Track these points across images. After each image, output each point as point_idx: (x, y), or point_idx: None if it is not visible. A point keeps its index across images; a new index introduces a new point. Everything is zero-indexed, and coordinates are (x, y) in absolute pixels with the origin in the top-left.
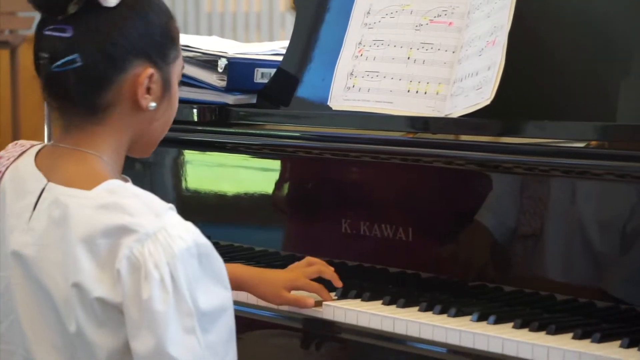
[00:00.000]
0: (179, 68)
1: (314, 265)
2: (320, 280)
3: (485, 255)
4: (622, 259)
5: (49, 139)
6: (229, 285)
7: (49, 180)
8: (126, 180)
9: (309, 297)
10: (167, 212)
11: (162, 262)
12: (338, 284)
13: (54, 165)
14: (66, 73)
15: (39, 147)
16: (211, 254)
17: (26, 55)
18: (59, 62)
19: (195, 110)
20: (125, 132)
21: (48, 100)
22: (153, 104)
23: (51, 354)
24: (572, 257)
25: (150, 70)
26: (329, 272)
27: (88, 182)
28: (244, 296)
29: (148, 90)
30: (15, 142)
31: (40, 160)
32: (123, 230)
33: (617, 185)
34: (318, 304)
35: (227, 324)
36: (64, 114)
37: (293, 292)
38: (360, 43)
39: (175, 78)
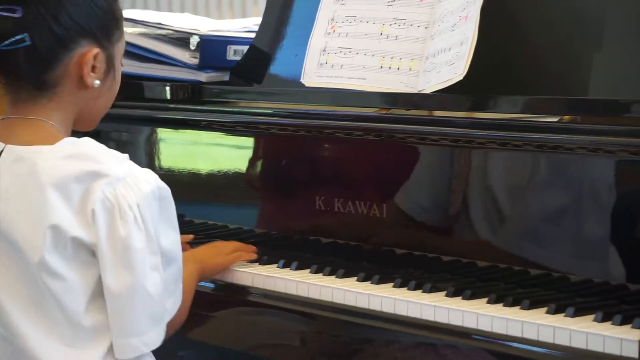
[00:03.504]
0: (122, 47)
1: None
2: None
3: (458, 231)
4: (595, 233)
5: None
6: (178, 228)
7: (6, 144)
8: None
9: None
10: (127, 160)
11: (134, 203)
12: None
13: (9, 133)
14: (15, 51)
15: None
16: (169, 198)
17: None
18: (7, 42)
19: (168, 88)
20: (71, 107)
21: None
22: (97, 82)
23: (21, 304)
24: (545, 232)
25: (96, 50)
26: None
27: (47, 141)
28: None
29: (93, 68)
30: None
31: None
32: (94, 175)
33: (590, 159)
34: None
35: (178, 264)
36: (13, 90)
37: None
38: (332, 19)
39: (118, 57)
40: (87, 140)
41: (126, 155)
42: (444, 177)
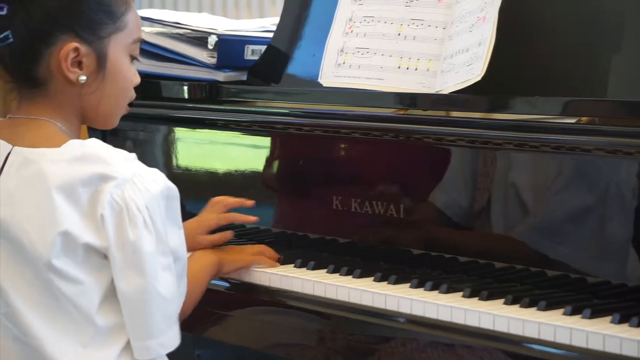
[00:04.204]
0: (127, 42)
1: (221, 215)
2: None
3: (476, 231)
4: (613, 235)
5: None
6: (182, 225)
7: (13, 146)
8: None
9: (225, 233)
10: (135, 160)
11: (142, 205)
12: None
13: (15, 133)
14: (2, 49)
15: None
16: (176, 197)
17: None
18: None
19: (185, 88)
20: (67, 103)
21: (1, 74)
22: (82, 77)
23: (35, 307)
24: (562, 234)
25: (74, 44)
26: (239, 216)
27: (53, 142)
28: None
29: (79, 64)
30: None
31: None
32: (101, 178)
33: (608, 161)
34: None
35: (183, 261)
36: (15, 88)
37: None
38: (350, 19)
39: (117, 52)
40: (93, 141)
41: (134, 155)
42: (461, 177)
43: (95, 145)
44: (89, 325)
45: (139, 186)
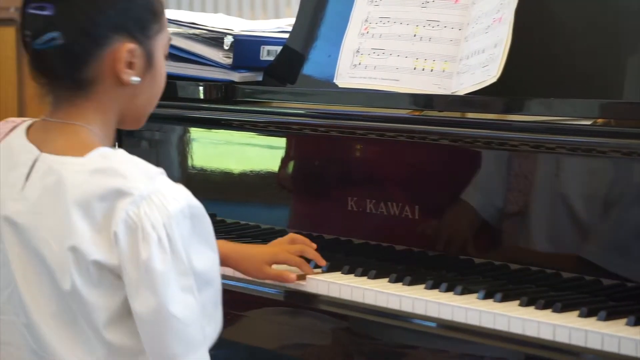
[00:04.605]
0: (165, 41)
1: (297, 244)
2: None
3: (491, 233)
4: (628, 237)
5: None
6: (217, 248)
7: (41, 152)
8: None
9: (292, 272)
10: (159, 176)
11: (159, 223)
12: (321, 262)
13: (45, 138)
14: (48, 50)
15: (29, 122)
16: (202, 216)
17: None
18: (39, 40)
19: (201, 88)
20: (111, 105)
21: (34, 76)
22: (136, 78)
23: (51, 320)
24: (578, 235)
25: (130, 45)
26: (312, 251)
27: (80, 150)
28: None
29: (130, 64)
30: (7, 119)
31: (31, 134)
32: (118, 194)
33: (623, 162)
34: (301, 277)
35: (216, 286)
36: (51, 90)
37: (275, 267)
38: (366, 20)
39: (159, 51)
40: (120, 153)
41: (160, 170)
42: (476, 179)
43: (120, 157)
44: (105, 342)
45: (156, 204)
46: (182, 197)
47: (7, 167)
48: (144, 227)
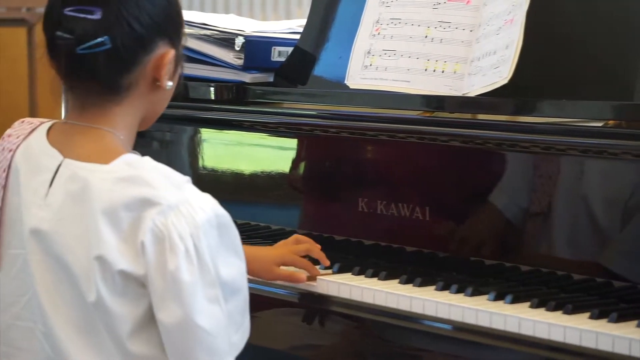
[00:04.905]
0: (182, 43)
1: (303, 244)
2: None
3: (501, 234)
4: (639, 239)
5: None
6: (243, 256)
7: (64, 157)
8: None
9: (301, 272)
10: (186, 184)
11: (186, 234)
12: (325, 262)
13: (69, 142)
14: (93, 55)
15: (48, 124)
16: (229, 225)
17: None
18: (86, 45)
19: (212, 89)
20: (140, 109)
21: (66, 80)
22: (170, 83)
23: (71, 328)
24: (588, 237)
25: (173, 51)
26: (317, 251)
27: (105, 157)
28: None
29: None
30: (22, 119)
31: (53, 137)
32: (146, 203)
33: (635, 164)
34: (311, 278)
35: (244, 294)
36: (82, 94)
37: (283, 268)
38: (377, 21)
39: (180, 54)
40: (146, 161)
41: (187, 178)
42: (488, 180)
43: (147, 165)
44: (120, 353)
45: (184, 214)
46: (209, 206)
47: (29, 171)
48: (172, 237)
